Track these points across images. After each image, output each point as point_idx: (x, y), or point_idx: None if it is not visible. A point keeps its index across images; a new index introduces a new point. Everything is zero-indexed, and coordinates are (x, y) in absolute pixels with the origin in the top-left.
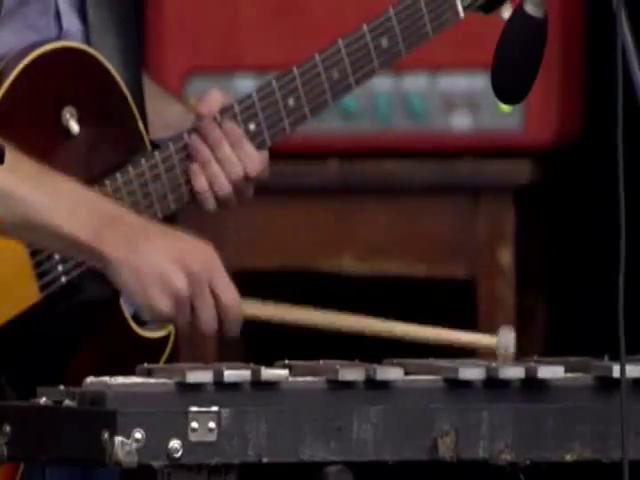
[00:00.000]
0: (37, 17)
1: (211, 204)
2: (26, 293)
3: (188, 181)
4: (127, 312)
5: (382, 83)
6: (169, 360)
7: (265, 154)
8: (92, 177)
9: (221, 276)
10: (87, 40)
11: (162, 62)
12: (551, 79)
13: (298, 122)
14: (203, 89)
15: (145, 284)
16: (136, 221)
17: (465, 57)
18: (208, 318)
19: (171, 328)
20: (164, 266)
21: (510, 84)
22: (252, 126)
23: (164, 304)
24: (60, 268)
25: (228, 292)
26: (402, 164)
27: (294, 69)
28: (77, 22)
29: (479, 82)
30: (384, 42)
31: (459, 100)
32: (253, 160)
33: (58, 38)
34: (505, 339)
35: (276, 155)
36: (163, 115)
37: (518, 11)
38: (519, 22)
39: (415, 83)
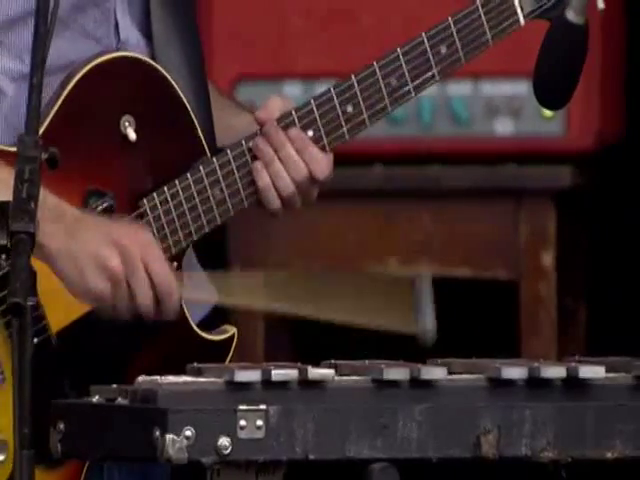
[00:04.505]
0: (95, 26)
1: (275, 203)
2: None
3: (247, 187)
4: (191, 317)
5: (426, 89)
6: None
7: (331, 157)
8: (150, 183)
9: (156, 257)
10: (151, 53)
11: (212, 69)
12: (592, 84)
13: (357, 129)
14: (252, 96)
15: (81, 268)
16: (76, 213)
17: (508, 63)
18: (144, 297)
19: (234, 330)
20: (99, 248)
21: (552, 90)
22: (310, 132)
23: (101, 285)
24: None
25: (162, 273)
26: (446, 169)
27: (352, 77)
28: (136, 34)
29: (522, 88)
30: (443, 49)
31: (502, 106)
32: (319, 162)
33: (116, 49)
34: None
35: None
36: (232, 125)
37: (559, 18)
38: (560, 29)
39: (458, 89)
